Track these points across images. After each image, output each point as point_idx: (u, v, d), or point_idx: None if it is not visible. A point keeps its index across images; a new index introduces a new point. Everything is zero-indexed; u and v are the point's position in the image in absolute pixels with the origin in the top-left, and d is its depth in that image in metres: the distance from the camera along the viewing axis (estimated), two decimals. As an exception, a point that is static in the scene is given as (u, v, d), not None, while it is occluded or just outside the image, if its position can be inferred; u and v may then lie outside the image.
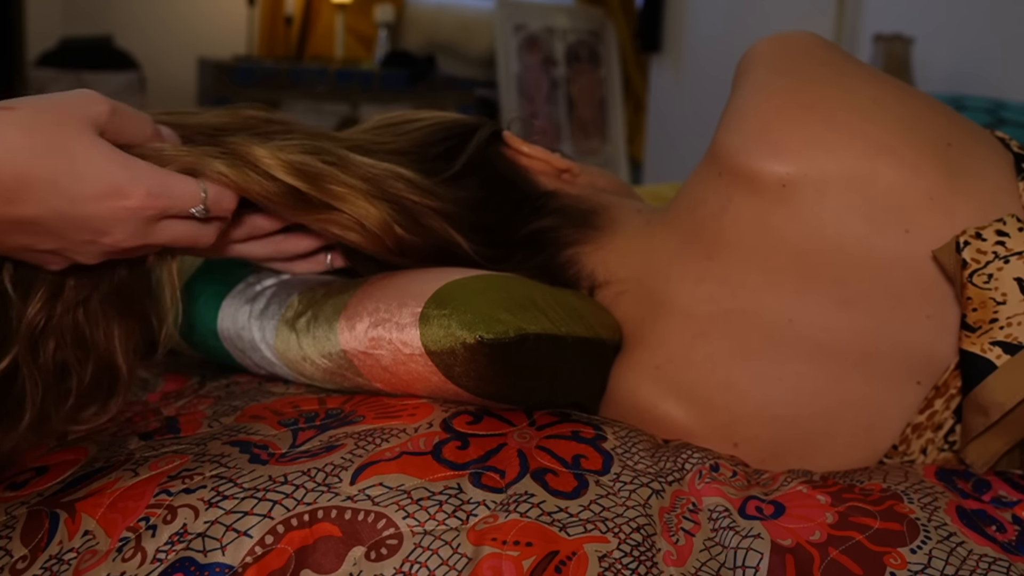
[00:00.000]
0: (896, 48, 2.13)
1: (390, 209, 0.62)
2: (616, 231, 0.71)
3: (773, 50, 0.65)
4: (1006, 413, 0.55)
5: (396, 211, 0.63)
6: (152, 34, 3.54)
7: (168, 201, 0.51)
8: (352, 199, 0.61)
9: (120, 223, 0.50)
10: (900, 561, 0.49)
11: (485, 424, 0.58)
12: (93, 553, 0.49)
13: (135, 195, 0.50)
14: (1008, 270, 0.56)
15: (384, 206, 0.62)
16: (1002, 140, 0.65)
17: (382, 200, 0.62)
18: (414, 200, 0.64)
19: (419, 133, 0.71)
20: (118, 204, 0.49)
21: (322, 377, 0.64)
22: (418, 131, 0.71)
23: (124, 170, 0.50)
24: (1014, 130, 1.62)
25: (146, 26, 3.54)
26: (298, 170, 0.58)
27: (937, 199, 0.59)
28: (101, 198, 0.49)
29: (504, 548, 0.48)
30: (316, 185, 0.59)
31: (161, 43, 3.53)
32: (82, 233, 0.50)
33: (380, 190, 0.62)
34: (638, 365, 0.65)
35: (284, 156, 0.57)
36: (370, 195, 0.62)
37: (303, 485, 0.51)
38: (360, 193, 0.61)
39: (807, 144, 0.60)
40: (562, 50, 3.55)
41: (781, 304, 0.61)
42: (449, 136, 0.71)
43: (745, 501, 0.54)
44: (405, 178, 0.64)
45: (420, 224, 0.64)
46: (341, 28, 3.67)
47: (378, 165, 0.64)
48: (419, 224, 0.64)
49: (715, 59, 2.76)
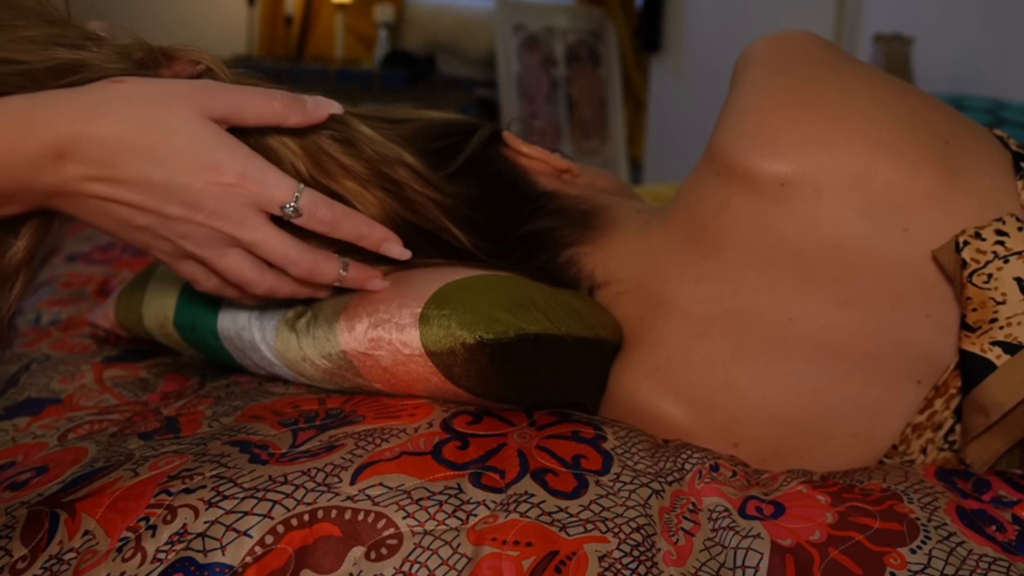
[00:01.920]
0: (896, 48, 2.13)
1: (388, 198, 0.63)
2: (615, 231, 0.71)
3: (771, 49, 0.65)
4: (1006, 413, 0.55)
5: (394, 199, 0.63)
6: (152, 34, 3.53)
7: (260, 187, 0.53)
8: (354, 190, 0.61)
9: (212, 198, 0.52)
10: (900, 561, 0.49)
11: (485, 424, 0.58)
12: (93, 553, 0.49)
13: (229, 172, 0.51)
14: (1008, 270, 0.56)
15: (382, 195, 0.62)
16: (1001, 139, 0.65)
17: (380, 189, 0.63)
18: (415, 189, 0.64)
19: (417, 130, 0.71)
20: (212, 178, 0.51)
21: (322, 377, 0.64)
22: (416, 129, 0.71)
23: (224, 148, 0.52)
24: (1014, 130, 1.62)
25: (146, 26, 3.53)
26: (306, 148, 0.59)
27: (936, 197, 0.59)
28: (196, 170, 0.51)
29: (504, 548, 0.48)
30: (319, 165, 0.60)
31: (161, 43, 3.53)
32: (174, 206, 0.51)
33: (382, 176, 0.63)
34: (638, 365, 0.65)
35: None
36: (369, 184, 0.62)
37: (303, 485, 0.51)
38: (359, 182, 0.62)
39: (805, 143, 0.60)
40: (562, 50, 3.55)
41: (781, 304, 0.61)
42: (448, 134, 0.71)
43: (745, 501, 0.54)
44: (409, 165, 0.65)
45: (418, 214, 0.65)
46: (341, 28, 3.67)
47: (387, 145, 0.64)
48: (417, 214, 0.65)
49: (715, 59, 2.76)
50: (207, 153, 0.51)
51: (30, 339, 0.90)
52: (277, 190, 0.53)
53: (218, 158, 0.51)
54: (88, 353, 0.83)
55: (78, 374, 0.77)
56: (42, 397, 0.73)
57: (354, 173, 0.62)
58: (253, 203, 0.53)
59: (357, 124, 0.63)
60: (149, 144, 0.49)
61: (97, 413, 0.69)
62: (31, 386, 0.75)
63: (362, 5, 3.73)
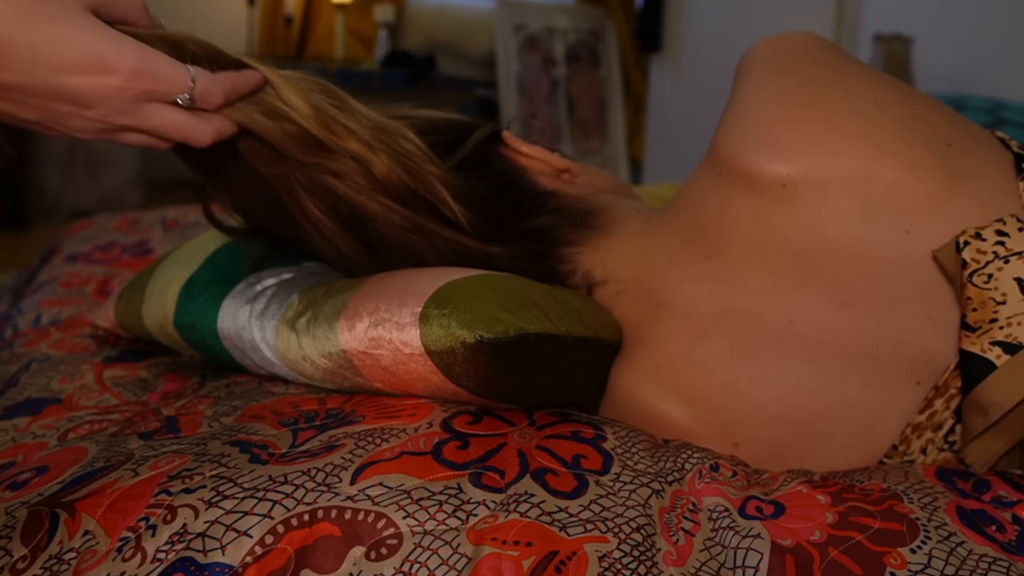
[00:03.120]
0: (896, 48, 2.13)
1: (393, 163, 0.63)
2: (615, 231, 0.71)
3: (773, 50, 0.65)
4: (1006, 413, 0.55)
5: (398, 165, 0.64)
6: (152, 34, 3.53)
7: (153, 83, 0.51)
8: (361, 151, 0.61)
9: (104, 99, 0.50)
10: (900, 561, 0.49)
11: (485, 424, 0.58)
12: (93, 553, 0.49)
13: (120, 71, 0.49)
14: (1008, 270, 0.56)
15: (388, 160, 0.63)
16: (1002, 140, 0.65)
17: (386, 154, 0.63)
18: (418, 157, 0.65)
19: (414, 127, 0.71)
20: (102, 80, 0.49)
21: (322, 377, 0.64)
22: (413, 126, 0.71)
23: (112, 44, 0.49)
24: (1014, 130, 1.62)
25: (146, 26, 3.54)
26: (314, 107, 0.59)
27: (937, 199, 0.59)
28: (84, 71, 0.48)
29: (504, 548, 0.48)
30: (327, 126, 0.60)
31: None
32: (64, 105, 0.49)
33: (385, 144, 0.63)
34: (638, 365, 0.65)
35: (304, 89, 0.59)
36: (374, 147, 0.62)
37: (303, 485, 0.51)
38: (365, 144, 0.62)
39: (807, 144, 0.60)
40: (562, 50, 3.55)
41: (781, 304, 0.61)
42: (446, 131, 0.71)
43: (745, 501, 0.54)
44: (411, 139, 0.65)
45: (420, 182, 0.65)
46: (341, 28, 3.67)
47: (386, 121, 0.64)
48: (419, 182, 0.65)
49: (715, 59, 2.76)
50: (93, 50, 0.48)
51: (30, 339, 0.90)
52: (171, 84, 0.51)
53: (107, 56, 0.48)
54: (88, 353, 0.83)
55: (78, 374, 0.77)
56: (42, 397, 0.73)
57: (360, 137, 0.62)
58: (147, 98, 0.51)
59: (354, 102, 0.64)
60: (32, 40, 0.47)
61: (97, 413, 0.69)
62: (31, 386, 0.75)
63: (362, 5, 3.73)
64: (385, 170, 0.63)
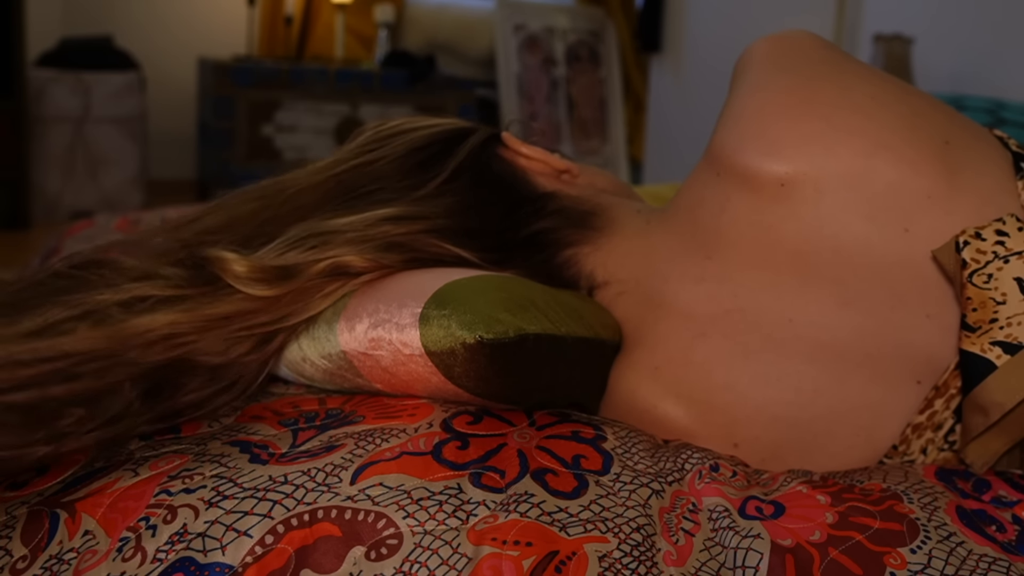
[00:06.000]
0: (896, 48, 2.13)
1: (375, 249, 0.63)
2: (615, 231, 0.71)
3: (771, 49, 0.65)
4: (1006, 413, 0.55)
5: (385, 249, 0.63)
6: (152, 34, 3.53)
7: None
8: (352, 260, 0.62)
9: None
10: (900, 561, 0.49)
11: (485, 424, 0.58)
12: (93, 553, 0.49)
13: None
14: (1008, 270, 0.56)
15: (376, 255, 0.63)
16: (1001, 139, 0.65)
17: (373, 251, 0.63)
18: (401, 233, 0.65)
19: (408, 144, 0.72)
20: None
21: (322, 378, 0.64)
22: (407, 144, 0.71)
23: None
24: (1014, 130, 1.63)
25: (146, 26, 3.54)
26: (270, 278, 0.59)
27: (936, 197, 0.59)
28: None
29: (504, 548, 0.48)
30: (292, 279, 0.60)
31: (161, 43, 3.53)
32: None
33: (364, 241, 0.63)
34: (638, 365, 0.65)
35: (258, 264, 0.59)
36: (362, 252, 0.63)
37: (303, 485, 0.51)
38: (354, 252, 0.62)
39: (805, 142, 0.60)
40: (562, 50, 3.55)
41: (781, 304, 0.61)
42: (441, 140, 0.72)
43: (745, 501, 0.54)
44: (388, 218, 0.65)
45: (416, 251, 0.65)
46: (341, 28, 3.67)
47: (356, 222, 0.65)
48: (415, 251, 0.65)
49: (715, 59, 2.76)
50: None
51: (30, 339, 0.90)
52: None
53: None
54: (88, 353, 0.83)
55: (78, 374, 0.77)
56: (42, 397, 0.73)
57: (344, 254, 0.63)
58: None
59: (327, 223, 0.64)
60: None
61: (97, 413, 0.69)
62: (31, 386, 0.75)
63: (362, 5, 3.73)
64: (375, 264, 0.63)
